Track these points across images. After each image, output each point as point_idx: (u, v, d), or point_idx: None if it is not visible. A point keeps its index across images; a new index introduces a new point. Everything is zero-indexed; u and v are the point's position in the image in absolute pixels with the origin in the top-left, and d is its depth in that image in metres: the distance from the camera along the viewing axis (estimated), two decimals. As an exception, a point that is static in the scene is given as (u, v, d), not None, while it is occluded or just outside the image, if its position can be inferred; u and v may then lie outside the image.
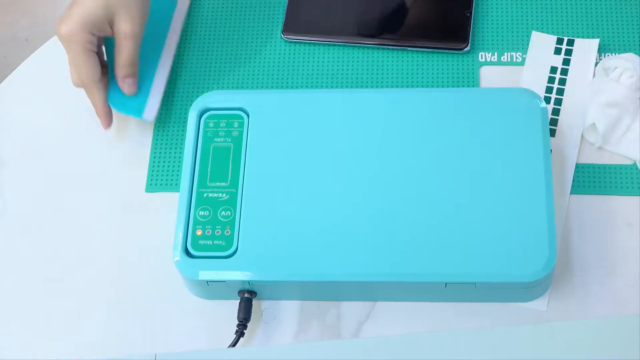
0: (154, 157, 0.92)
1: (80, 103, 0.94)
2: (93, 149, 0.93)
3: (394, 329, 0.82)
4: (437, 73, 0.93)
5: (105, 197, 0.91)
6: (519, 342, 0.64)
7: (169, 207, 0.87)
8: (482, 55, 0.94)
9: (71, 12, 0.86)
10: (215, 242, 0.81)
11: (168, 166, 0.91)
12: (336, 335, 0.83)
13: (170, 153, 0.92)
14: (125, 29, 0.87)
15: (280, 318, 0.84)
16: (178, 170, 0.91)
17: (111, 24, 0.87)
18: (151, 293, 0.86)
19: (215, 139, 0.85)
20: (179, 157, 0.91)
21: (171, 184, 0.90)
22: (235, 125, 0.86)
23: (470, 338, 0.65)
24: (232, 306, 0.83)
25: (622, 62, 0.88)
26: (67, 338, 0.85)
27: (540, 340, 0.63)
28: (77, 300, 0.86)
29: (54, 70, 0.98)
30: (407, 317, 0.83)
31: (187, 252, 0.81)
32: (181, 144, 0.92)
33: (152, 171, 0.91)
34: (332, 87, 0.94)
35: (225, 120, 0.86)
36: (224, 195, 0.83)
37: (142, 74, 0.92)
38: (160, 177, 0.91)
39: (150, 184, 0.91)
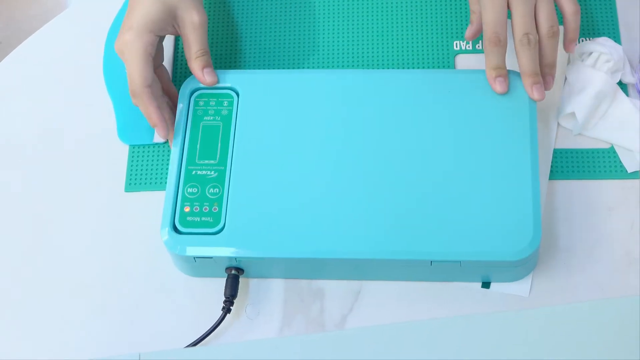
0: (132, 156, 0.92)
1: (56, 104, 0.94)
2: (70, 150, 0.93)
3: (377, 320, 0.82)
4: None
5: (84, 197, 0.90)
6: (502, 328, 0.64)
7: (150, 206, 0.88)
8: (456, 43, 0.94)
9: (131, 18, 0.85)
10: (203, 218, 0.82)
11: (147, 165, 0.91)
12: (320, 328, 0.83)
13: (149, 152, 0.91)
14: (193, 19, 0.86)
15: (264, 314, 0.84)
16: (157, 170, 0.90)
17: (173, 21, 0.86)
18: (139, 272, 0.86)
19: (205, 117, 0.86)
20: (158, 156, 0.91)
21: (151, 183, 0.90)
22: (225, 104, 0.86)
23: (454, 325, 0.65)
24: (220, 283, 0.83)
25: (597, 47, 0.89)
26: (60, 328, 0.86)
27: (525, 325, 0.64)
28: (65, 289, 0.87)
29: (30, 72, 0.98)
30: (391, 308, 0.83)
31: (174, 229, 0.82)
32: (159, 143, 0.92)
33: (131, 171, 0.91)
34: (323, 66, 0.95)
35: (215, 99, 0.87)
36: (212, 172, 0.84)
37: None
38: (140, 177, 0.90)
39: (130, 184, 0.90)
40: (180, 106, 0.87)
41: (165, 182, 0.87)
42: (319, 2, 0.98)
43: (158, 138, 0.91)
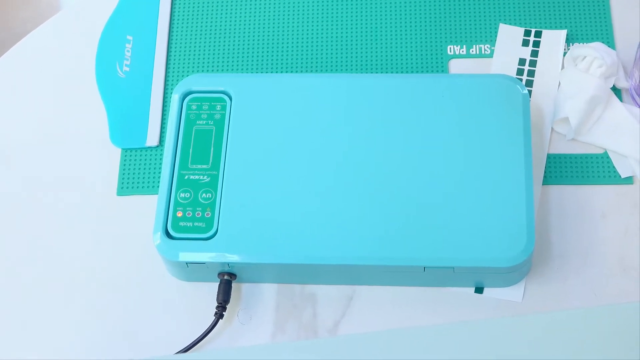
0: (125, 160, 0.91)
1: (48, 107, 0.94)
2: (62, 153, 0.92)
3: (370, 325, 0.82)
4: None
5: (76, 201, 0.90)
6: (495, 334, 0.64)
7: (142, 210, 0.87)
8: (450, 48, 0.94)
9: None
10: (196, 224, 0.82)
11: (140, 169, 0.91)
12: (313, 333, 0.83)
13: (141, 156, 0.91)
14: None
15: (256, 318, 0.84)
16: (150, 173, 0.90)
17: None
18: (131, 277, 0.86)
19: (198, 122, 0.86)
20: (151, 160, 0.91)
21: (143, 187, 0.90)
22: (218, 108, 0.86)
23: (447, 332, 0.65)
24: (212, 288, 0.83)
25: (590, 51, 0.89)
26: (54, 330, 0.85)
27: (518, 331, 0.64)
28: (56, 293, 0.86)
29: (22, 75, 0.97)
30: (384, 313, 0.83)
31: (167, 234, 0.82)
32: (151, 146, 0.91)
33: (123, 174, 0.91)
34: (316, 71, 0.95)
35: (208, 103, 0.87)
36: (205, 177, 0.83)
37: (137, 104, 0.93)
38: (132, 181, 0.90)
39: (122, 188, 0.90)
40: (173, 110, 0.87)
41: (158, 186, 0.87)
42: (313, 6, 0.98)
43: (151, 141, 0.91)
